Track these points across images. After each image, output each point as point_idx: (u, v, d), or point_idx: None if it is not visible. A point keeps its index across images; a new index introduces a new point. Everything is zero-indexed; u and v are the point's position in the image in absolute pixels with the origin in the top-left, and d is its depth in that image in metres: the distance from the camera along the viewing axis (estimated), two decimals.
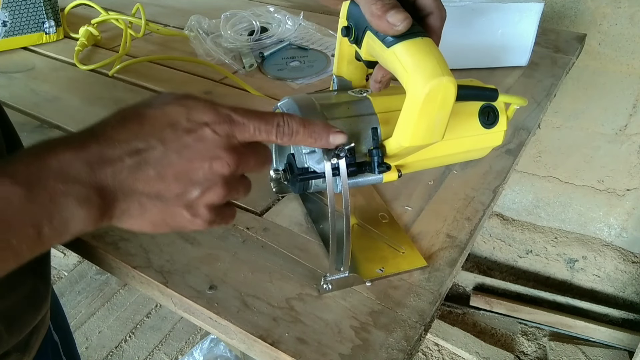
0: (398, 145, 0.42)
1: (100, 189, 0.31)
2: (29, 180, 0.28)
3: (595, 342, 1.43)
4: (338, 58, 0.50)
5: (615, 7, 1.13)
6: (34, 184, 0.28)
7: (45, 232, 0.29)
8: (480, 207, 0.59)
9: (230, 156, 0.34)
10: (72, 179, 0.29)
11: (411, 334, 0.44)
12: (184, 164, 0.33)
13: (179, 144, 0.33)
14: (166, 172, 0.33)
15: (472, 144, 0.49)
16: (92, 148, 0.31)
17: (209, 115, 0.34)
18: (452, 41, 0.42)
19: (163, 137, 0.32)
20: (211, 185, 0.34)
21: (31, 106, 0.77)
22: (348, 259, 0.46)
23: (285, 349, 0.43)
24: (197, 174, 0.33)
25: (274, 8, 1.03)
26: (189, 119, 0.33)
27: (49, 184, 0.29)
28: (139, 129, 0.32)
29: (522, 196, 1.54)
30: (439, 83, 0.37)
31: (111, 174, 0.31)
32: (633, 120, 1.26)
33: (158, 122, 0.32)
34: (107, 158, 0.31)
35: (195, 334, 1.54)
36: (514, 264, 1.65)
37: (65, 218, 0.29)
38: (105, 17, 1.00)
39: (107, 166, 0.31)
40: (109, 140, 0.31)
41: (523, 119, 0.75)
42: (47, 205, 0.29)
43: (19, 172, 0.28)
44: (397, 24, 0.38)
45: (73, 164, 0.30)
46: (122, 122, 0.32)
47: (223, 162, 0.34)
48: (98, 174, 0.31)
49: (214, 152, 0.33)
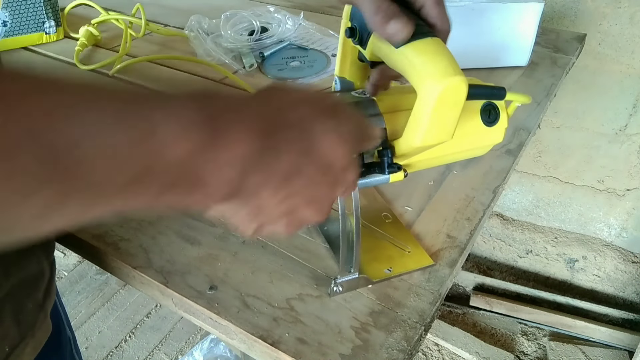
0: (409, 145, 0.42)
1: (262, 134, 0.30)
2: (212, 115, 0.27)
3: (595, 342, 1.43)
4: (340, 59, 0.50)
5: (615, 7, 1.13)
6: (215, 117, 0.27)
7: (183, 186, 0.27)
8: (480, 207, 0.59)
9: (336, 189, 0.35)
10: (249, 120, 0.29)
11: (411, 334, 0.44)
12: (308, 192, 0.33)
13: (315, 173, 0.33)
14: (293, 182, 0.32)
15: (474, 142, 0.49)
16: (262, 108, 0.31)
17: (348, 177, 0.35)
18: (452, 41, 0.42)
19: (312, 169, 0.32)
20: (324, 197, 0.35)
21: None
22: (358, 260, 0.46)
23: (286, 349, 0.43)
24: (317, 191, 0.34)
25: (274, 8, 1.03)
26: (342, 168, 0.34)
27: (229, 115, 0.28)
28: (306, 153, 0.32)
29: (522, 196, 1.54)
30: (452, 82, 0.37)
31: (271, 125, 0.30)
32: (633, 120, 1.26)
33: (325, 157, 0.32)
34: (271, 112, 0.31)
35: (195, 334, 1.54)
36: (514, 264, 1.65)
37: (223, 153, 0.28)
38: (106, 17, 1.00)
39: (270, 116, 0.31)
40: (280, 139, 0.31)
41: (523, 119, 0.75)
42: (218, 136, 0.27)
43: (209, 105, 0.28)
44: (399, 33, 0.38)
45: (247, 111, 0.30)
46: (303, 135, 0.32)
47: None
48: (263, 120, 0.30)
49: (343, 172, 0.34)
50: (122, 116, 0.24)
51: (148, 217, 0.56)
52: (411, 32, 0.38)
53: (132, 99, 0.25)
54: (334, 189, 0.35)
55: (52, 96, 0.22)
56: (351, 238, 0.46)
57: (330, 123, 0.33)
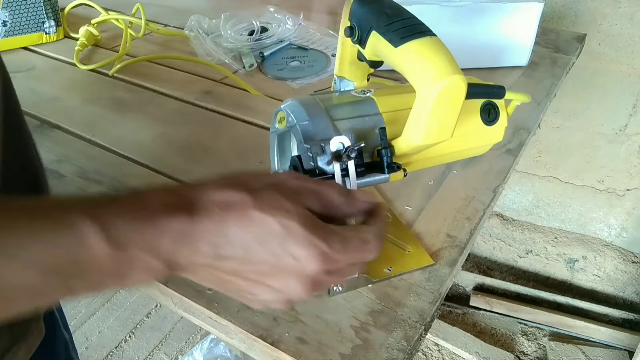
0: (408, 144, 0.42)
1: (172, 264, 0.31)
2: (119, 242, 0.28)
3: (595, 342, 1.43)
4: (340, 59, 0.50)
5: (615, 7, 1.13)
6: (123, 247, 0.28)
7: (106, 283, 0.29)
8: (480, 206, 0.59)
9: (304, 289, 0.33)
10: (154, 251, 0.30)
11: (411, 333, 0.44)
12: (257, 277, 0.33)
13: (260, 261, 0.32)
14: (239, 274, 0.33)
15: (474, 141, 0.49)
16: (186, 230, 0.30)
17: (302, 250, 0.31)
18: (452, 41, 0.42)
19: (249, 247, 0.31)
20: (274, 301, 0.34)
21: (31, 106, 0.77)
22: None
23: (286, 348, 0.43)
24: (264, 290, 0.33)
25: (274, 8, 1.03)
26: (281, 244, 0.31)
27: (135, 252, 0.29)
28: (233, 229, 0.31)
29: (522, 196, 1.54)
30: (451, 81, 0.37)
31: (188, 255, 0.31)
32: (633, 120, 1.26)
33: (252, 231, 0.31)
34: (193, 242, 0.31)
35: (195, 334, 1.54)
36: (514, 264, 1.64)
37: (130, 277, 0.30)
38: (105, 17, 1.00)
39: (189, 249, 0.31)
40: (204, 227, 0.31)
41: (523, 119, 0.75)
42: (123, 267, 0.29)
43: (116, 230, 0.28)
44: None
45: (163, 239, 0.30)
46: (223, 213, 0.31)
47: (294, 291, 0.33)
48: (178, 253, 0.30)
49: (288, 282, 0.33)
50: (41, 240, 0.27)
51: None
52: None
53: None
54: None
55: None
56: None
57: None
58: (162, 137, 0.71)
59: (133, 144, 0.69)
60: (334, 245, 0.33)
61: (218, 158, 0.66)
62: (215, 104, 0.79)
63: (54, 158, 0.66)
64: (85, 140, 0.70)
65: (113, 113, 0.77)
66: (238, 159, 0.66)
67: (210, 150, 0.68)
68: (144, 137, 0.71)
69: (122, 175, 0.63)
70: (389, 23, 0.41)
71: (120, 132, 0.72)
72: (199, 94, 0.81)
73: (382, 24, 0.42)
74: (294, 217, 0.31)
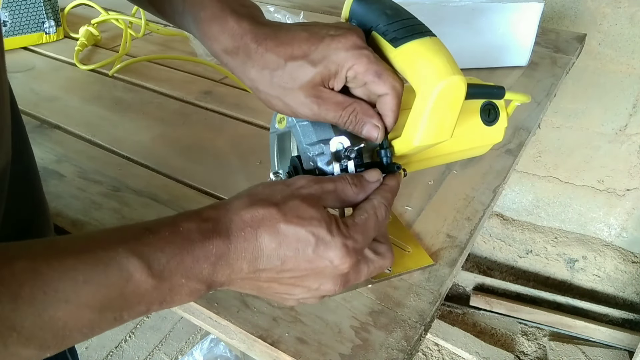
0: (408, 144, 0.42)
1: (212, 284, 0.33)
2: (162, 274, 0.30)
3: (595, 342, 1.43)
4: None
5: (615, 7, 1.13)
6: (166, 278, 0.30)
7: (152, 309, 0.31)
8: (480, 207, 0.59)
9: (337, 285, 0.36)
10: (195, 276, 0.32)
11: (411, 333, 0.44)
12: (293, 281, 0.35)
13: (296, 269, 0.34)
14: (275, 281, 0.35)
15: (474, 142, 0.49)
16: (223, 253, 0.32)
17: (334, 253, 0.34)
18: (452, 41, 0.42)
19: (285, 258, 0.34)
20: (309, 298, 0.37)
21: (31, 106, 0.77)
22: None
23: (285, 348, 0.43)
24: (300, 291, 0.36)
25: (274, 8, 1.03)
26: (315, 251, 0.34)
27: (177, 280, 0.31)
28: (267, 244, 0.33)
29: (522, 196, 1.54)
30: (451, 82, 0.37)
31: (228, 275, 0.33)
32: (633, 120, 1.26)
33: (286, 243, 0.33)
34: (231, 263, 0.33)
35: (195, 334, 1.54)
36: (514, 264, 1.65)
37: (173, 302, 0.32)
38: (105, 17, 1.00)
39: (228, 269, 0.33)
40: (239, 247, 0.33)
41: (523, 119, 0.75)
42: (166, 295, 0.31)
43: (157, 264, 0.30)
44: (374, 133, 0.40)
45: (201, 264, 0.32)
46: (255, 230, 0.33)
47: (328, 289, 0.36)
48: (217, 274, 0.33)
49: (323, 281, 0.36)
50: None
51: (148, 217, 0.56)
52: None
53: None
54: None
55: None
56: None
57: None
58: (162, 137, 0.71)
59: (133, 144, 0.69)
60: (357, 236, 0.35)
61: (218, 158, 0.66)
62: (215, 104, 0.79)
63: (54, 158, 0.66)
64: (85, 140, 0.70)
65: (113, 113, 0.77)
66: (238, 159, 0.66)
67: (210, 150, 0.68)
68: (144, 137, 0.71)
69: (122, 176, 0.63)
70: (389, 23, 0.41)
71: (120, 132, 0.72)
72: (199, 94, 0.81)
73: (382, 24, 0.42)
74: (321, 224, 0.34)
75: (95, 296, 0.28)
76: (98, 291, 0.28)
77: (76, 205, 0.58)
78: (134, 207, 0.58)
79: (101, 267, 0.29)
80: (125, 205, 0.58)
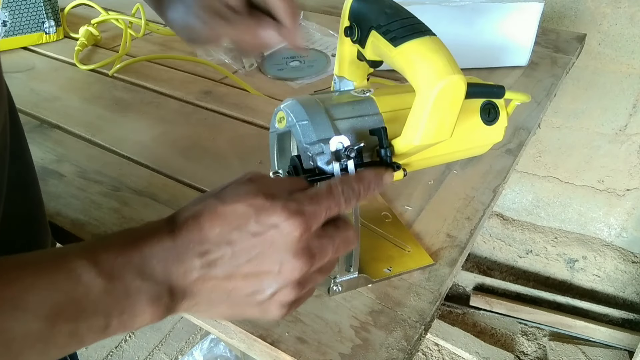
0: (408, 144, 0.42)
1: (170, 288, 0.31)
2: (111, 272, 0.29)
3: (595, 342, 1.43)
4: (339, 58, 0.50)
5: (615, 7, 1.13)
6: (116, 277, 0.29)
7: (113, 324, 0.30)
8: (480, 206, 0.59)
9: (301, 260, 0.33)
10: (148, 276, 0.30)
11: (411, 333, 0.44)
12: (252, 267, 0.33)
13: (247, 248, 0.32)
14: (235, 274, 0.33)
15: (474, 141, 0.49)
16: (169, 246, 0.31)
17: (277, 216, 0.32)
18: (452, 41, 0.42)
19: (231, 240, 0.32)
20: (282, 288, 0.34)
21: (31, 106, 0.77)
22: (358, 260, 0.46)
23: (285, 348, 0.43)
24: (266, 279, 0.33)
25: None
26: (257, 221, 0.32)
27: (128, 278, 0.30)
28: (210, 230, 0.32)
29: (522, 196, 1.54)
30: (450, 81, 0.37)
31: (182, 273, 0.31)
32: (633, 120, 1.26)
33: (227, 223, 0.32)
34: (181, 258, 0.31)
35: (195, 334, 1.54)
36: (514, 264, 1.64)
37: (134, 313, 0.30)
38: (105, 17, 1.00)
39: (180, 266, 0.31)
40: (184, 239, 0.32)
41: (523, 118, 0.75)
42: (122, 300, 0.30)
43: (105, 262, 0.29)
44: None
45: (151, 261, 0.31)
46: (196, 220, 0.32)
47: (293, 266, 0.33)
48: (171, 273, 0.31)
49: (283, 257, 0.33)
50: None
51: (148, 217, 0.56)
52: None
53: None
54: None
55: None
56: None
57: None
58: (162, 137, 0.71)
59: (133, 144, 0.69)
60: (301, 198, 0.33)
61: (218, 158, 0.66)
62: (215, 104, 0.79)
63: (54, 158, 0.66)
64: (85, 140, 0.70)
65: (113, 113, 0.77)
66: (238, 158, 0.66)
67: (210, 150, 0.68)
68: (144, 137, 0.71)
69: (122, 175, 0.63)
70: (389, 22, 0.41)
71: (120, 132, 0.72)
72: (199, 94, 0.81)
73: (382, 23, 0.42)
74: (258, 194, 0.32)
75: (45, 301, 0.27)
76: (48, 296, 0.27)
77: (76, 205, 0.58)
78: (133, 206, 0.58)
79: (49, 270, 0.28)
80: (125, 205, 0.58)
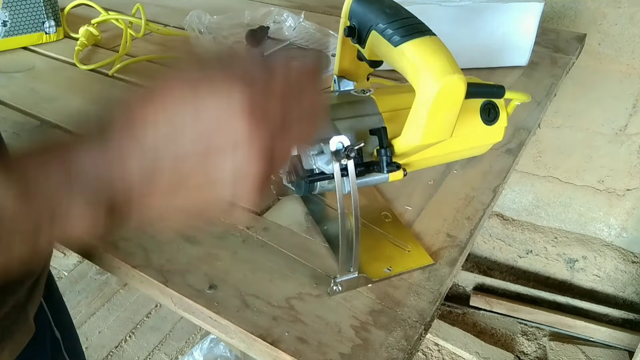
0: (408, 144, 0.42)
1: (110, 185, 0.28)
2: (36, 175, 0.26)
3: (595, 342, 1.43)
4: (339, 58, 0.50)
5: (615, 7, 1.13)
6: (41, 177, 0.27)
7: (44, 228, 0.27)
8: (480, 206, 0.59)
9: (250, 122, 0.29)
10: (78, 173, 0.27)
11: (411, 333, 0.44)
12: (199, 146, 0.29)
13: (189, 123, 0.29)
14: (184, 162, 0.29)
15: (474, 141, 0.49)
16: (98, 141, 0.28)
17: (213, 82, 0.29)
18: (452, 41, 0.42)
19: (169, 118, 0.29)
20: (241, 160, 0.29)
21: (31, 106, 0.77)
22: (358, 259, 0.46)
23: (285, 348, 0.43)
24: (220, 152, 0.29)
25: (274, 7, 1.03)
26: (194, 94, 0.29)
27: (54, 177, 0.27)
28: (141, 112, 0.29)
29: (522, 196, 1.54)
30: (450, 81, 0.37)
31: (120, 165, 0.28)
32: (633, 120, 1.26)
33: (160, 102, 0.29)
34: (115, 150, 0.28)
35: (195, 334, 1.54)
36: (514, 264, 1.64)
37: (69, 215, 0.27)
38: (105, 17, 1.00)
39: (117, 159, 0.28)
40: (115, 130, 0.29)
41: (523, 118, 0.75)
42: (50, 201, 0.27)
43: (18, 167, 0.27)
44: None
45: (81, 159, 0.28)
46: (127, 105, 0.29)
47: (243, 131, 0.28)
48: (108, 169, 0.28)
49: (230, 124, 0.29)
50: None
51: None
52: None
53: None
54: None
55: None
56: (351, 237, 0.45)
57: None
58: None
59: None
60: (238, 66, 0.30)
61: None
62: None
63: None
64: None
65: None
66: None
67: None
68: None
69: None
70: (389, 22, 0.41)
71: None
72: None
73: (382, 23, 0.42)
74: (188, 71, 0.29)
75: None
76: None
77: None
78: None
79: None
80: None
